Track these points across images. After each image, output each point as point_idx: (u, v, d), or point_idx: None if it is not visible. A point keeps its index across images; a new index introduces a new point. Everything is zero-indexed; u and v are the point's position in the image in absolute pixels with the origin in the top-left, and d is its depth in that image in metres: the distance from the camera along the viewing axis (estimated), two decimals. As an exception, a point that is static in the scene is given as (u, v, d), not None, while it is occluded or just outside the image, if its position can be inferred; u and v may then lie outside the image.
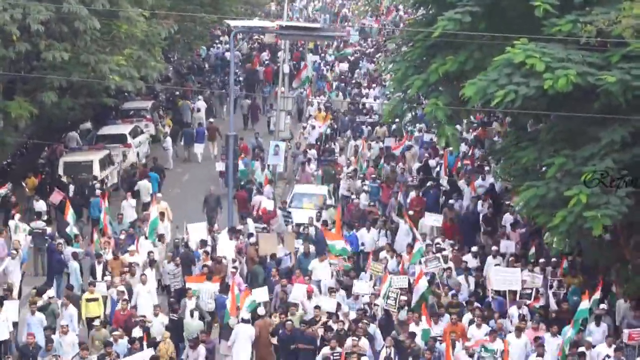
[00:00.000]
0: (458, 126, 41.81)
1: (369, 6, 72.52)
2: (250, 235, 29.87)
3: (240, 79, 55.72)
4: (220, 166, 38.02)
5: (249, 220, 31.80)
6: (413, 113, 32.18)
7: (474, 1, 25.77)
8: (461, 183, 36.36)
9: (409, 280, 26.67)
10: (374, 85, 56.26)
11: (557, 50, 23.33)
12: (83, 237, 30.95)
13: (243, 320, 23.99)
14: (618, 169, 23.07)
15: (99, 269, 27.36)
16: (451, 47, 26.89)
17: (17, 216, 30.68)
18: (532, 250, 29.24)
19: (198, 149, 44.48)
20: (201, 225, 30.52)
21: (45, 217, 32.34)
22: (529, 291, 25.80)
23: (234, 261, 27.99)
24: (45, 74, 34.36)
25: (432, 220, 32.11)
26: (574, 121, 24.54)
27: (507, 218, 31.89)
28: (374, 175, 37.86)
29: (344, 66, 62.72)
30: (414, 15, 37.93)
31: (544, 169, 25.50)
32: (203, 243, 29.01)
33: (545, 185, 23.92)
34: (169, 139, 43.76)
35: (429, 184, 36.47)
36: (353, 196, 36.32)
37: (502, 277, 26.15)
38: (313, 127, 45.88)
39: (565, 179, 23.58)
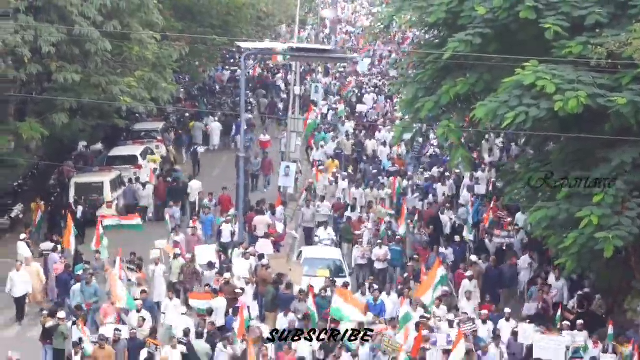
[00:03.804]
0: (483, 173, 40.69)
1: (379, 29, 71.03)
2: (262, 256, 29.78)
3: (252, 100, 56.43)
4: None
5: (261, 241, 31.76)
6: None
7: (485, 23, 25.84)
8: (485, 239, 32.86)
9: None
10: (383, 127, 50.88)
11: (568, 72, 23.36)
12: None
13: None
14: (629, 190, 23.06)
15: None
16: (462, 69, 26.96)
17: (22, 236, 30.65)
18: (559, 313, 26.02)
19: (238, 140, 45.26)
20: (210, 248, 30.46)
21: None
22: None
23: (247, 282, 27.84)
24: (57, 96, 34.47)
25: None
26: (584, 142, 24.54)
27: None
28: (399, 237, 32.49)
29: (363, 107, 57.60)
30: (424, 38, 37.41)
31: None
32: (211, 265, 28.92)
33: (556, 206, 23.89)
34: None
35: (456, 239, 32.43)
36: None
37: (545, 345, 23.65)
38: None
39: (576, 201, 23.55)
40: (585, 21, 24.68)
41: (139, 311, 25.12)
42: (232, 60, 69.09)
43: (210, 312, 25.31)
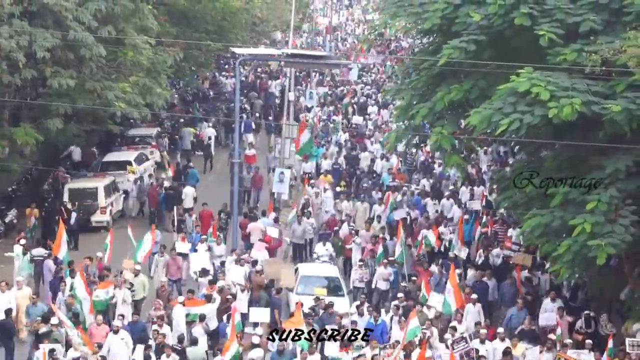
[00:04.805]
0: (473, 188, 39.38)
1: (373, 35, 70.41)
2: (256, 262, 29.74)
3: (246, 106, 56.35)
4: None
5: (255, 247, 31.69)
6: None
7: (479, 30, 25.85)
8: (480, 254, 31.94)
9: None
10: (372, 139, 49.95)
11: (562, 79, 23.35)
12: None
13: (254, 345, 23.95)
14: (623, 197, 23.06)
15: None
16: (456, 76, 26.96)
17: (22, 241, 30.57)
18: (559, 330, 25.78)
19: (248, 138, 47.67)
20: (204, 255, 30.38)
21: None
22: None
23: (242, 289, 27.77)
24: (51, 101, 34.43)
25: (436, 302, 27.11)
26: (578, 150, 24.55)
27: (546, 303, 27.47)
28: (392, 258, 30.96)
29: (358, 119, 56.22)
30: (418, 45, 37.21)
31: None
32: (205, 272, 28.85)
33: (550, 213, 23.89)
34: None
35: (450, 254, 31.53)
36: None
37: None
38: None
39: (570, 208, 23.55)
40: (580, 28, 24.69)
41: (116, 332, 24.14)
42: (226, 66, 69.09)
43: (202, 318, 25.34)
